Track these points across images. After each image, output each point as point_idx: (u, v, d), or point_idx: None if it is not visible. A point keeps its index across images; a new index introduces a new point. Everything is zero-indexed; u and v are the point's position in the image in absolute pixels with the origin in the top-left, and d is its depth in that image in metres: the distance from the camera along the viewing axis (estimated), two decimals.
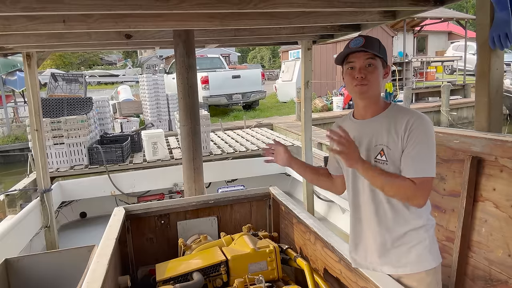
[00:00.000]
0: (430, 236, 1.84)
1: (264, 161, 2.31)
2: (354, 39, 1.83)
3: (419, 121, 1.74)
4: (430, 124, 1.77)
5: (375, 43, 1.81)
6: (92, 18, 3.05)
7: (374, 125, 1.86)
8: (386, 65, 1.86)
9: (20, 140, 11.93)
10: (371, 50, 1.78)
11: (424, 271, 1.82)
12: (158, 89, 11.20)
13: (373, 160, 1.83)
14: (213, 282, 2.52)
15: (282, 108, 16.07)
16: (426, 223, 1.84)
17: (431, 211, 1.91)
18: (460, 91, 16.49)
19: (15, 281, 3.36)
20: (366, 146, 1.86)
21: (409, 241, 1.83)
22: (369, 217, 1.90)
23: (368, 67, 1.80)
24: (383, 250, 1.87)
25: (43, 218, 5.54)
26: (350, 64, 1.83)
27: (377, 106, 1.87)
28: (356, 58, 1.81)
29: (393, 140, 1.77)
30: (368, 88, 1.81)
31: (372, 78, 1.80)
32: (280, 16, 3.38)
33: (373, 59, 1.79)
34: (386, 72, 1.86)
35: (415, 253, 1.82)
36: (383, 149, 1.80)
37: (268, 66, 41.63)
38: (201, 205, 3.20)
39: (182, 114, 4.07)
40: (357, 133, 1.87)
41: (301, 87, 5.98)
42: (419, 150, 1.72)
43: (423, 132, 1.73)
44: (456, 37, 26.12)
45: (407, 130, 1.74)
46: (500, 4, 2.54)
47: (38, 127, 5.23)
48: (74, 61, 32.85)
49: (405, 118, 1.76)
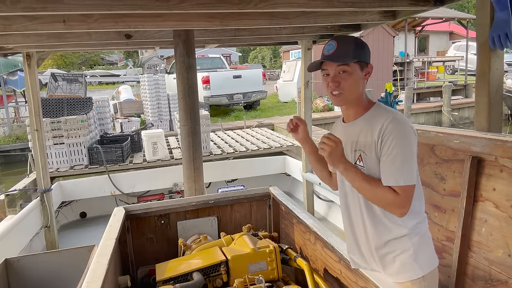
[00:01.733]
0: (415, 244, 1.77)
1: (287, 129, 2.18)
2: (328, 44, 1.76)
3: (393, 124, 1.66)
4: (406, 126, 1.68)
5: (350, 46, 1.73)
6: (92, 18, 3.05)
7: (354, 129, 1.82)
8: (366, 64, 1.78)
9: (21, 140, 11.92)
10: (343, 57, 1.71)
11: (410, 281, 1.78)
12: (159, 89, 11.19)
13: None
14: (213, 282, 2.52)
15: (283, 108, 16.04)
16: (411, 232, 1.77)
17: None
18: (461, 91, 16.48)
19: (15, 281, 3.37)
20: (349, 150, 1.83)
21: (392, 250, 1.79)
22: (357, 220, 1.89)
23: (341, 73, 1.73)
24: (374, 255, 1.86)
25: (43, 218, 5.54)
26: (324, 71, 1.78)
27: (359, 108, 1.82)
28: (328, 66, 1.76)
29: (369, 146, 1.73)
30: (343, 96, 1.76)
31: (346, 85, 1.74)
32: (280, 16, 3.38)
33: (346, 65, 1.72)
34: (367, 72, 1.79)
35: (399, 262, 1.78)
36: (360, 155, 1.77)
37: (269, 66, 41.64)
38: (201, 205, 3.20)
39: (182, 114, 4.07)
40: (343, 137, 1.82)
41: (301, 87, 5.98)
42: (395, 156, 1.65)
43: (398, 137, 1.65)
44: (458, 37, 26.13)
45: (380, 136, 1.68)
46: (500, 4, 2.53)
47: (38, 127, 5.23)
48: (75, 61, 32.90)
49: (380, 122, 1.69)
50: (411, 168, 1.68)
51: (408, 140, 1.67)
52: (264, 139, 8.80)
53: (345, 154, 1.77)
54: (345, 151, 1.78)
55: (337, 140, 1.70)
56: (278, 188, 3.33)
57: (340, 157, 1.71)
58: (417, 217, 1.80)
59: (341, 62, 1.72)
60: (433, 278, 1.84)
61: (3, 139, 12.34)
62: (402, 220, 1.76)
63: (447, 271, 2.49)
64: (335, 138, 1.70)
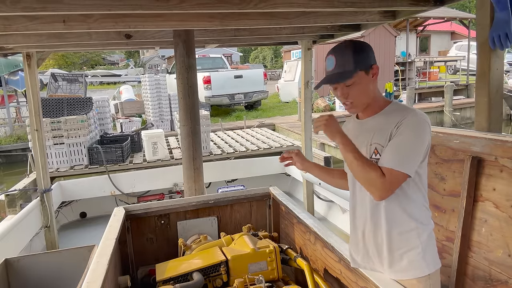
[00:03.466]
0: (423, 242, 1.79)
1: (284, 165, 2.35)
2: (327, 59, 1.80)
3: (411, 117, 1.70)
4: (423, 122, 1.71)
5: (348, 58, 1.75)
6: (92, 18, 3.04)
7: (371, 124, 1.85)
8: (370, 67, 1.79)
9: (22, 140, 11.91)
10: (343, 76, 1.75)
11: (415, 279, 1.79)
12: (160, 89, 11.20)
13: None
14: (213, 282, 2.52)
15: (284, 108, 16.06)
16: (419, 227, 1.79)
17: (431, 213, 1.90)
18: (463, 91, 16.45)
19: (15, 281, 3.37)
20: (364, 145, 1.85)
21: (401, 247, 1.80)
22: (365, 217, 1.89)
23: (348, 87, 1.78)
24: (378, 253, 1.87)
25: (43, 218, 5.54)
26: (331, 85, 1.85)
27: (375, 106, 1.86)
28: None
29: (386, 139, 1.75)
30: (354, 105, 1.84)
31: (355, 95, 1.80)
32: (280, 16, 3.37)
33: (349, 78, 1.76)
34: (374, 73, 1.81)
35: (407, 259, 1.79)
36: (376, 148, 1.79)
37: (270, 66, 41.64)
38: (201, 205, 3.20)
39: (182, 114, 4.07)
40: (358, 133, 1.88)
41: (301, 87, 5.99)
42: (399, 143, 1.69)
43: (410, 127, 1.68)
44: (459, 37, 26.11)
45: (396, 126, 1.71)
46: (500, 4, 2.53)
47: (38, 127, 5.24)
48: (77, 61, 32.94)
49: (400, 116, 1.72)
50: (409, 158, 1.69)
51: (419, 133, 1.70)
52: (264, 139, 8.80)
53: (359, 148, 1.81)
54: (359, 145, 1.81)
55: (328, 115, 1.80)
56: (278, 188, 3.33)
57: (336, 128, 1.80)
58: (423, 214, 1.83)
59: (342, 82, 1.78)
60: (437, 278, 1.86)
61: (5, 139, 12.34)
62: (409, 214, 1.78)
63: (447, 271, 2.49)
64: (325, 115, 1.79)
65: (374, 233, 1.86)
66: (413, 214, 1.79)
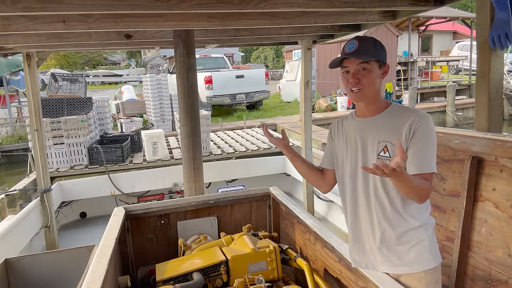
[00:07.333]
0: (429, 236, 1.86)
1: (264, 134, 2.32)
2: (349, 42, 1.84)
3: (423, 120, 1.77)
4: (432, 123, 1.81)
5: (370, 45, 1.82)
6: (92, 18, 3.05)
7: (376, 123, 1.88)
8: (383, 64, 1.86)
9: (23, 140, 11.89)
10: (365, 54, 1.80)
11: (423, 271, 1.84)
12: (161, 89, 11.19)
13: (376, 157, 1.84)
14: (213, 282, 2.52)
15: (286, 108, 16.02)
16: (425, 223, 1.86)
17: (430, 211, 1.91)
18: (465, 91, 16.43)
19: (15, 281, 3.37)
20: (369, 142, 1.88)
21: (409, 240, 1.84)
22: (368, 216, 1.91)
23: (362, 71, 1.82)
24: (384, 249, 1.88)
25: (43, 218, 5.55)
26: (344, 68, 1.87)
27: (377, 105, 1.90)
28: (349, 63, 1.84)
29: (397, 138, 1.79)
30: (362, 92, 1.84)
31: (366, 81, 1.82)
32: (280, 16, 3.37)
33: (367, 63, 1.81)
34: (384, 71, 1.87)
35: (415, 252, 1.84)
36: (386, 146, 1.82)
37: (272, 66, 41.56)
38: (201, 205, 3.20)
39: (182, 114, 4.07)
40: (359, 131, 1.92)
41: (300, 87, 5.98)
42: (424, 147, 1.75)
43: (427, 131, 1.76)
44: (461, 37, 26.04)
45: (411, 129, 1.76)
46: (500, 4, 2.53)
47: (38, 127, 5.24)
48: (78, 61, 32.91)
49: (409, 117, 1.79)
50: (434, 158, 1.78)
51: (434, 134, 1.80)
52: (264, 139, 8.78)
53: (364, 146, 1.88)
54: (362, 142, 1.88)
55: (398, 166, 1.55)
56: (278, 188, 3.33)
57: (403, 172, 1.61)
58: (427, 209, 1.90)
59: (363, 59, 1.80)
60: (440, 273, 1.92)
61: (6, 139, 12.34)
62: (414, 211, 1.84)
63: (447, 271, 2.48)
64: (400, 160, 1.56)
65: (380, 230, 1.88)
66: (418, 212, 1.85)
